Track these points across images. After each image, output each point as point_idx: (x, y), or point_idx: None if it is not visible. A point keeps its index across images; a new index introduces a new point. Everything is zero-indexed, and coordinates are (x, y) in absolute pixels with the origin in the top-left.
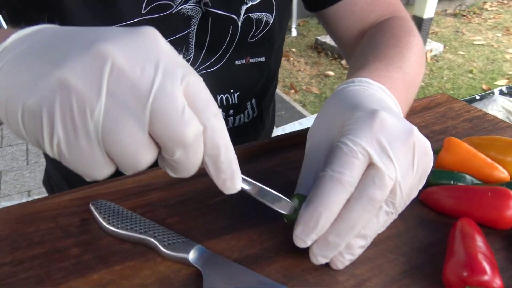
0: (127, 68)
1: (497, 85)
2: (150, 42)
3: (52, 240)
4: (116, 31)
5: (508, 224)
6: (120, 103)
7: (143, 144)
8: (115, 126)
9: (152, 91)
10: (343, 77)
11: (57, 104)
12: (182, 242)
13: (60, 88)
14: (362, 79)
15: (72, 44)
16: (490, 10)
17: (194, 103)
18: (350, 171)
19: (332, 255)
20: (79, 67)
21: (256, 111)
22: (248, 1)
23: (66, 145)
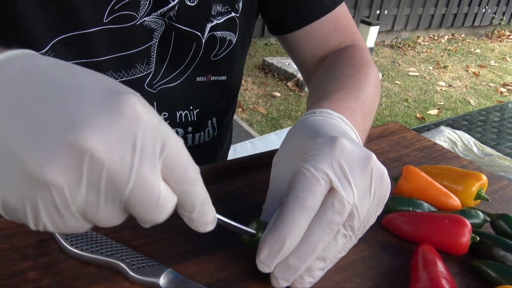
0: (106, 159)
1: (429, 114)
2: (129, 120)
3: (6, 262)
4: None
5: (463, 250)
6: (99, 192)
7: (120, 215)
8: (95, 209)
9: (129, 182)
10: (289, 99)
11: (39, 201)
12: (151, 265)
13: (40, 185)
14: (323, 110)
15: (43, 122)
16: (422, 44)
17: (171, 175)
18: (313, 196)
19: (293, 278)
20: (56, 162)
21: (216, 130)
22: (214, 20)
23: (53, 227)
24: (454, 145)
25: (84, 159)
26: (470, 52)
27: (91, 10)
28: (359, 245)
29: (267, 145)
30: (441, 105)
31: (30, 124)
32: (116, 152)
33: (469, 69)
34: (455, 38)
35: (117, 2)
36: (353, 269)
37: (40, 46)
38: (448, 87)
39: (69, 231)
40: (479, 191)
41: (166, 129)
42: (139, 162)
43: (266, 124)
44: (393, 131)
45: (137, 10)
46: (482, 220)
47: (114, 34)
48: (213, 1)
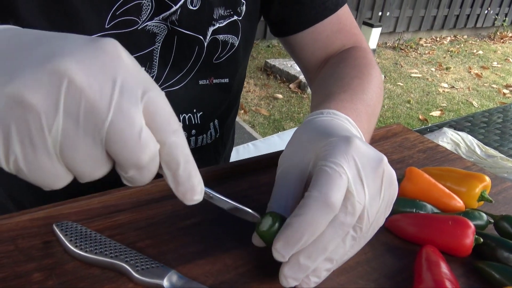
0: (85, 87)
1: (432, 116)
2: (111, 56)
3: (11, 264)
4: (76, 43)
5: (467, 252)
6: (77, 122)
7: (99, 160)
8: (72, 144)
9: (109, 113)
10: (292, 101)
11: (12, 123)
12: (155, 267)
13: (15, 104)
14: (330, 111)
15: (28, 56)
16: (425, 46)
17: (153, 120)
18: (337, 191)
19: (302, 277)
20: (35, 84)
21: (218, 132)
22: (216, 23)
23: (24, 162)
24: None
25: (62, 83)
26: (472, 54)
27: (93, 17)
28: (363, 247)
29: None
30: (443, 106)
31: (15, 60)
32: (96, 81)
33: (472, 71)
34: (457, 39)
35: (118, 8)
36: (357, 270)
37: None
38: (451, 88)
39: (43, 178)
40: (483, 192)
41: (148, 77)
42: (119, 95)
43: (269, 126)
44: (396, 132)
45: (139, 15)
46: (485, 221)
47: (117, 39)
48: (215, 4)
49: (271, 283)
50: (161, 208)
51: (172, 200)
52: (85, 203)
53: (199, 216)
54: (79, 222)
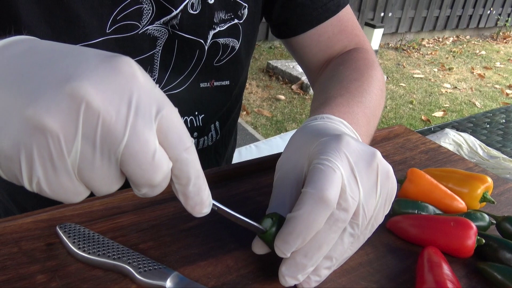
0: (102, 110)
1: (435, 116)
2: (126, 77)
3: (15, 266)
4: (92, 62)
5: (469, 253)
6: (94, 145)
7: (115, 178)
8: (90, 165)
9: (124, 136)
10: (294, 102)
11: (34, 148)
12: (158, 269)
13: (36, 131)
14: (324, 115)
15: (45, 77)
16: (427, 46)
17: (166, 138)
18: (332, 186)
19: (300, 276)
20: (54, 109)
21: (219, 134)
22: (216, 27)
23: (46, 183)
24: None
25: (81, 107)
26: (475, 54)
27: (94, 22)
28: (365, 248)
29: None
30: (446, 107)
31: (32, 80)
32: (112, 104)
33: (475, 71)
34: (460, 40)
35: (119, 12)
36: (359, 272)
37: None
38: (453, 89)
39: (63, 195)
40: (485, 193)
41: (162, 95)
42: (134, 117)
43: (271, 127)
44: (398, 133)
45: (139, 19)
46: (487, 222)
47: (117, 43)
48: (216, 8)
49: (273, 284)
50: (163, 210)
51: (174, 202)
52: (87, 205)
53: (201, 218)
54: (82, 224)
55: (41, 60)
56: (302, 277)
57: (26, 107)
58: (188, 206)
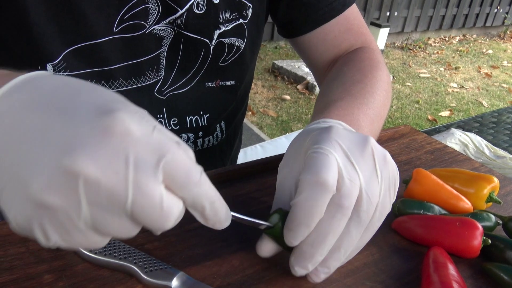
0: (101, 178)
1: (441, 116)
2: (119, 137)
3: (23, 266)
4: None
5: (474, 253)
6: (101, 207)
7: (130, 228)
8: (103, 224)
9: (128, 194)
10: (299, 102)
11: (45, 221)
12: (164, 269)
13: (41, 207)
14: (321, 120)
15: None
16: (433, 46)
17: (174, 181)
18: (327, 170)
19: (310, 265)
20: (53, 186)
21: (224, 133)
22: (222, 27)
23: (63, 243)
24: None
25: (79, 181)
26: (482, 53)
27: (101, 21)
28: (370, 248)
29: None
30: (452, 106)
31: (31, 149)
32: (110, 168)
33: (481, 70)
34: (466, 39)
35: (126, 12)
36: (364, 272)
37: (52, 57)
38: (460, 88)
39: (85, 247)
40: (491, 193)
41: (162, 139)
42: (135, 173)
43: (276, 127)
44: (403, 133)
45: (146, 19)
46: (494, 223)
47: (124, 43)
48: (221, 8)
49: (278, 284)
50: None
51: None
52: None
53: None
54: None
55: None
56: (312, 266)
57: (29, 185)
58: (208, 225)
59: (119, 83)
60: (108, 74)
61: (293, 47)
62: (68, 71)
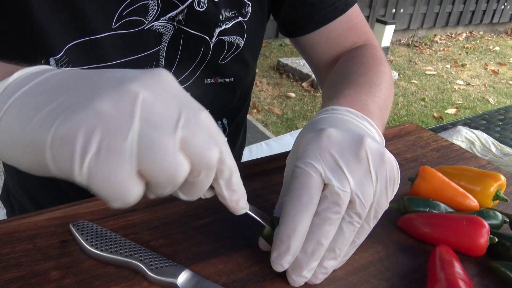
0: (155, 103)
1: (447, 113)
2: (168, 82)
3: (29, 262)
4: (136, 72)
5: (481, 251)
6: (153, 125)
7: (177, 160)
8: (150, 143)
9: (180, 119)
10: (304, 99)
11: (92, 128)
12: (169, 266)
13: (96, 116)
14: (329, 108)
15: (100, 83)
16: (439, 43)
17: (211, 131)
18: (307, 191)
19: (306, 273)
20: (114, 100)
21: (227, 130)
22: (222, 25)
23: (97, 169)
24: (472, 145)
25: (137, 99)
26: (489, 50)
27: (100, 17)
28: (375, 246)
29: (282, 146)
30: (459, 104)
31: (90, 85)
32: (162, 100)
33: (488, 67)
34: (473, 35)
35: (125, 8)
36: (369, 270)
37: (55, 51)
38: (467, 85)
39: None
40: (498, 191)
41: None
42: (185, 109)
43: (281, 125)
44: (409, 131)
45: (145, 15)
46: (500, 220)
47: (123, 39)
48: (221, 6)
49: (283, 282)
50: (174, 208)
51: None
52: (100, 203)
53: (212, 216)
54: (94, 222)
55: (90, 74)
56: (309, 273)
57: (91, 101)
58: (232, 201)
59: None
60: None
61: (294, 46)
62: (70, 66)
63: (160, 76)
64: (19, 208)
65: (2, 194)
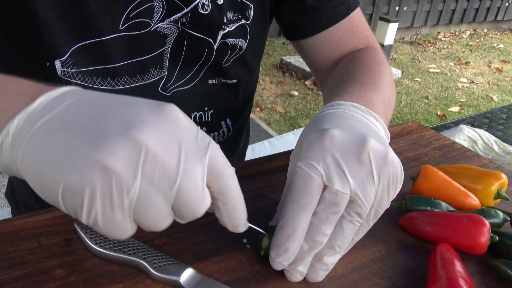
0: (158, 153)
1: (451, 111)
2: (174, 122)
3: (35, 260)
4: (144, 111)
5: (482, 250)
6: (152, 183)
7: (167, 214)
8: (147, 203)
9: (179, 173)
10: (307, 98)
11: (98, 185)
12: (172, 264)
13: (102, 170)
14: (334, 103)
15: (107, 126)
16: (443, 40)
17: (214, 169)
18: (307, 193)
19: (301, 267)
20: (119, 152)
21: (231, 131)
22: (226, 27)
23: (102, 218)
24: (474, 144)
25: (141, 151)
26: (493, 47)
27: (107, 18)
28: (377, 245)
29: (285, 144)
30: (462, 102)
31: (95, 128)
32: (166, 146)
33: (492, 65)
34: (477, 33)
35: (132, 10)
36: (371, 268)
37: (60, 53)
38: (470, 83)
39: (113, 231)
40: (499, 190)
41: (203, 133)
42: (185, 157)
43: (284, 123)
44: (411, 130)
45: (151, 17)
46: (501, 219)
47: (129, 40)
48: (225, 9)
49: (285, 280)
50: None
51: None
52: None
53: (214, 215)
54: None
55: (98, 110)
56: (304, 268)
57: (95, 151)
58: (231, 226)
59: (125, 80)
60: (113, 71)
61: (295, 48)
62: (75, 68)
63: (169, 116)
64: (23, 205)
65: (7, 190)
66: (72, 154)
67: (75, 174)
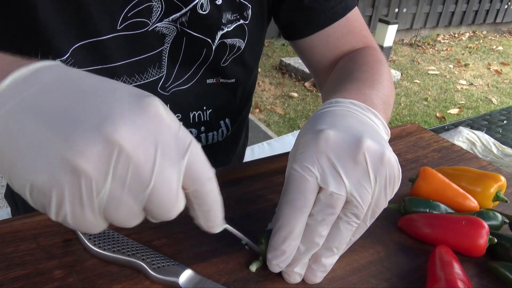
0: (132, 154)
1: (450, 113)
2: (154, 119)
3: (33, 261)
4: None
5: (480, 252)
6: (123, 185)
7: (137, 214)
8: (117, 205)
9: (152, 176)
10: (307, 99)
11: (67, 187)
12: (171, 265)
13: (71, 171)
14: (333, 100)
15: (81, 116)
16: (442, 42)
17: (191, 172)
18: (302, 195)
19: (298, 269)
20: (89, 152)
21: (230, 130)
22: (224, 28)
23: (71, 218)
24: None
25: (114, 151)
26: (492, 50)
27: (105, 18)
28: (375, 246)
29: (284, 145)
30: (462, 104)
31: (67, 119)
32: (141, 146)
33: (491, 67)
34: (476, 35)
35: (130, 10)
36: (369, 270)
37: (61, 53)
38: (469, 85)
39: (84, 228)
40: (498, 192)
41: (186, 132)
42: (161, 158)
43: (284, 125)
44: (410, 132)
45: (149, 16)
46: (500, 221)
47: (128, 40)
48: (224, 9)
49: (284, 282)
50: None
51: None
52: None
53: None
54: None
55: (74, 94)
56: (301, 269)
57: (64, 149)
58: (206, 227)
59: (123, 80)
60: (112, 71)
61: (294, 49)
62: (76, 67)
63: (149, 111)
64: (23, 206)
65: (6, 191)
66: (41, 148)
67: (43, 173)
